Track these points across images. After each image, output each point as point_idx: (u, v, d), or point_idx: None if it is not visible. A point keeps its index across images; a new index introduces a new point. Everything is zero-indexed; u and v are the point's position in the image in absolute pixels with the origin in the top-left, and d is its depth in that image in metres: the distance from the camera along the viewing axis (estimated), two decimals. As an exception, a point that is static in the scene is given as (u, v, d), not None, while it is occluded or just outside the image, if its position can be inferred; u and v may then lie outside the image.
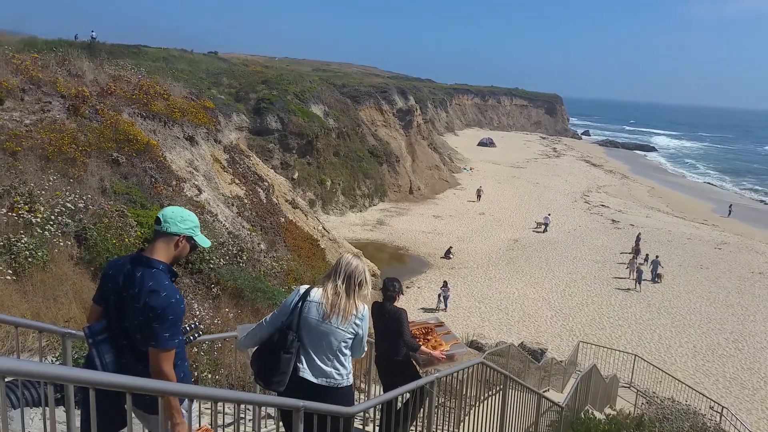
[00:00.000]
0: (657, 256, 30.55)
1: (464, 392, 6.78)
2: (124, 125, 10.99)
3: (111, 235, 7.65)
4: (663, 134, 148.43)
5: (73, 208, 7.76)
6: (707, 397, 15.64)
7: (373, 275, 15.72)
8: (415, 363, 5.05)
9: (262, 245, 10.68)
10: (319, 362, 3.36)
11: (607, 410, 12.90)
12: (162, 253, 2.88)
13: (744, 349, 22.16)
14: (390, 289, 5.04)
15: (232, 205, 11.81)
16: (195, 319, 7.46)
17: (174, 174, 11.61)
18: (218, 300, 8.96)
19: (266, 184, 13.55)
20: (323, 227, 15.02)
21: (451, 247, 32.72)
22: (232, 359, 6.53)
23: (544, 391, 11.78)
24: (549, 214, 40.40)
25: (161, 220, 2.90)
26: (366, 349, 3.67)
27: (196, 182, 11.92)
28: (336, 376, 3.39)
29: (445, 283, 25.42)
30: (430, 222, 39.56)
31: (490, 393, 7.06)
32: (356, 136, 45.71)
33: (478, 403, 6.57)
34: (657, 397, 13.41)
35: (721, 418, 13.76)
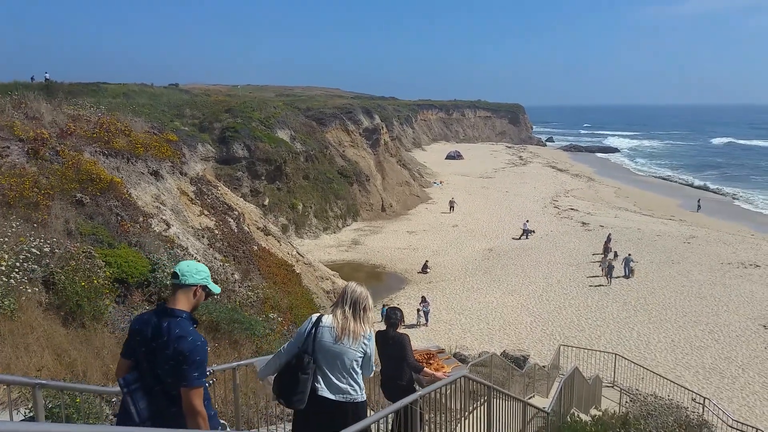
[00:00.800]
0: (629, 254, 31.35)
1: (450, 406, 6.78)
2: (86, 165, 10.81)
3: (79, 278, 7.48)
4: (624, 135, 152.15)
5: (38, 253, 7.57)
6: (689, 390, 15.89)
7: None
8: (418, 385, 5.32)
9: (235, 275, 10.55)
10: (335, 380, 3.77)
11: (593, 411, 12.99)
12: (183, 303, 3.23)
13: (720, 339, 22.62)
14: (392, 317, 5.48)
15: (203, 236, 11.67)
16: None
17: (140, 210, 11.44)
18: (194, 335, 8.79)
19: (236, 213, 13.43)
20: (297, 252, 14.92)
21: (427, 261, 32.82)
22: (212, 394, 6.41)
23: (529, 398, 11.84)
24: (528, 221, 41.04)
25: (179, 274, 3.25)
26: (375, 368, 4.09)
27: (163, 217, 11.76)
28: (352, 392, 3.81)
29: (424, 299, 25.44)
30: (404, 238, 39.66)
31: (476, 405, 7.07)
32: (324, 158, 45.77)
33: (464, 416, 6.57)
34: (640, 394, 13.53)
35: (703, 409, 13.96)
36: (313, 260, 15.99)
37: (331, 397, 3.75)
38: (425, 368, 5.38)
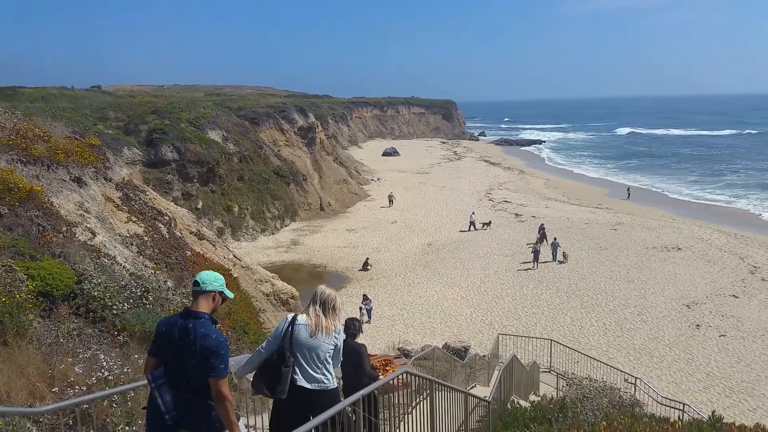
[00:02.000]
0: (555, 238, 33.18)
1: (395, 402, 6.81)
2: (2, 174, 10.12)
3: (-1, 294, 6.98)
4: (549, 128, 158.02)
5: (-52, 269, 7.02)
6: (621, 371, 16.67)
7: (292, 298, 15.43)
8: (376, 392, 5.47)
9: (168, 283, 10.16)
10: (311, 371, 4.26)
11: (532, 397, 13.42)
12: (204, 307, 3.72)
13: (648, 320, 23.87)
14: (351, 328, 5.97)
15: (131, 244, 11.17)
16: (102, 370, 7.01)
17: (63, 219, 10.82)
18: (126, 347, 8.41)
19: (167, 218, 12.94)
20: (234, 255, 14.56)
21: (368, 258, 32.87)
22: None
23: (470, 388, 12.08)
24: (473, 213, 41.88)
25: (200, 282, 3.75)
26: (342, 358, 4.63)
27: (88, 225, 11.18)
28: (325, 381, 4.31)
29: (365, 296, 25.49)
30: (344, 236, 39.56)
31: (420, 399, 7.15)
32: (259, 158, 44.94)
33: (408, 411, 6.62)
34: (576, 378, 14.08)
35: (635, 388, 14.69)
36: (251, 263, 15.66)
37: (308, 386, 4.23)
38: (380, 376, 5.85)
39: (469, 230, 39.80)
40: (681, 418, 11.49)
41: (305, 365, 4.25)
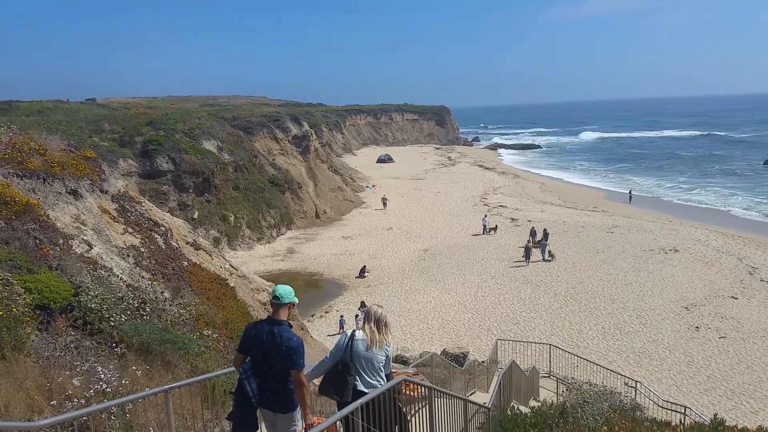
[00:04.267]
0: (543, 238, 34.15)
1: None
2: (-3, 187, 10.06)
3: (-5, 308, 6.92)
4: (543, 133, 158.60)
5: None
6: (621, 375, 16.63)
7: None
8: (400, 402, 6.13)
9: (165, 293, 10.09)
10: (368, 378, 5.07)
11: (532, 402, 13.37)
12: (283, 315, 4.79)
13: (647, 323, 23.85)
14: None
15: (128, 255, 11.10)
16: (101, 382, 6.97)
17: (60, 232, 10.75)
18: (124, 359, 8.35)
19: (163, 228, 12.87)
20: (231, 265, 14.50)
21: (365, 265, 32.81)
22: (146, 419, 6.12)
23: (470, 395, 12.03)
24: (486, 216, 42.48)
25: (279, 297, 4.75)
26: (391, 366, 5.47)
27: (85, 237, 11.12)
28: (378, 386, 5.03)
29: (363, 303, 25.44)
30: (340, 244, 39.51)
31: (419, 406, 7.12)
32: (254, 167, 44.93)
33: (408, 419, 6.57)
34: (576, 382, 14.06)
35: (635, 392, 14.66)
36: (247, 272, 15.60)
37: (366, 390, 4.93)
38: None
39: (484, 234, 40.12)
40: (682, 421, 11.47)
41: (363, 373, 5.06)
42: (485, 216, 42.60)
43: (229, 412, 5.02)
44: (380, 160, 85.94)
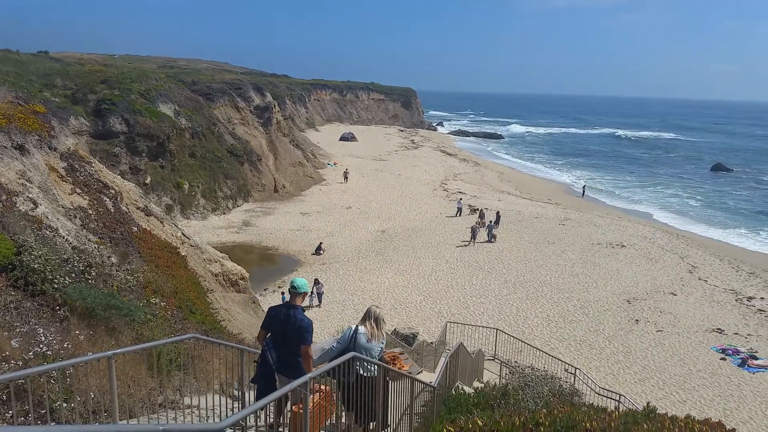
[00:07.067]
0: (491, 221, 36.35)
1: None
2: (-69, 134, 9.49)
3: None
4: (509, 122, 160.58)
5: None
6: (562, 361, 17.23)
7: (242, 279, 15.21)
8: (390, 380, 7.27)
9: (112, 258, 9.80)
10: (367, 365, 6.02)
11: (476, 383, 13.70)
12: (299, 301, 5.98)
13: (590, 313, 24.71)
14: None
15: (75, 217, 10.70)
16: (41, 345, 6.76)
17: (3, 188, 10.28)
18: (66, 322, 8.10)
19: (113, 191, 12.44)
20: (183, 233, 14.16)
21: (321, 243, 32.72)
22: (87, 384, 5.97)
23: (417, 373, 12.22)
24: (461, 199, 44.21)
25: (297, 287, 5.94)
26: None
27: (30, 195, 10.65)
28: (373, 371, 6.02)
29: (317, 281, 25.39)
30: (298, 219, 39.22)
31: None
32: (213, 135, 43.90)
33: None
34: (519, 366, 14.46)
35: (575, 378, 15.20)
36: (200, 242, 15.30)
37: (365, 374, 5.96)
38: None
39: (457, 215, 41.05)
40: (617, 408, 11.98)
41: (364, 361, 6.01)
42: (460, 199, 44.19)
43: (253, 377, 6.20)
44: (343, 138, 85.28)
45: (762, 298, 27.09)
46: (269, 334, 6.00)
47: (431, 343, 17.63)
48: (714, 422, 5.74)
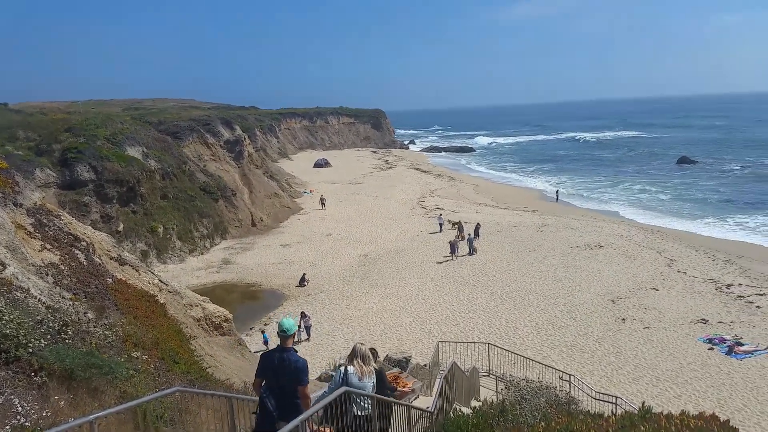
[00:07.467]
0: (470, 234, 36.47)
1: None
2: None
3: None
4: (477, 134, 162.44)
5: None
6: (555, 369, 17.15)
7: (225, 321, 14.88)
8: (395, 399, 7.63)
9: (89, 314, 9.48)
10: (361, 403, 6.10)
11: (473, 402, 13.54)
12: (290, 343, 5.82)
13: (577, 317, 24.77)
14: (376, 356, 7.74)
15: (47, 274, 10.36)
16: (18, 416, 6.45)
17: (-33, 251, 9.91)
18: (45, 388, 7.75)
19: (84, 243, 12.12)
20: (160, 280, 13.84)
21: (305, 273, 32.33)
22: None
23: (413, 399, 12.02)
24: (441, 214, 44.60)
25: (286, 330, 5.78)
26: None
27: (-3, 256, 10.30)
28: (369, 408, 6.14)
29: (303, 314, 25.06)
30: (278, 252, 38.82)
31: (412, 399, 7.66)
32: (184, 174, 43.44)
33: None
34: (514, 379, 14.37)
35: (570, 385, 15.13)
36: (179, 287, 14.96)
37: (360, 413, 6.03)
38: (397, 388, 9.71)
39: (440, 231, 41.09)
40: (614, 411, 11.91)
41: (357, 400, 6.09)
42: (440, 215, 44.51)
43: (253, 429, 6.02)
44: (317, 165, 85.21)
45: (740, 284, 27.56)
46: (264, 381, 5.86)
47: (425, 365, 17.45)
48: (708, 416, 5.75)
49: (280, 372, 5.70)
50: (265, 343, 23.28)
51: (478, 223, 39.34)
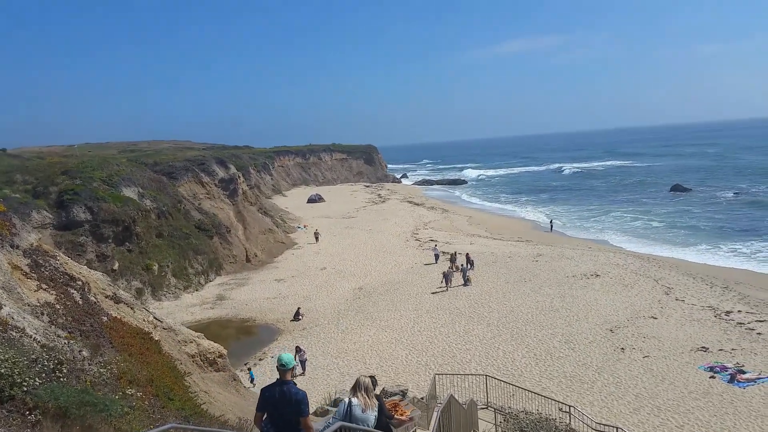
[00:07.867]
0: (462, 264, 36.78)
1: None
2: None
3: None
4: (469, 167, 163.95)
5: None
6: (555, 400, 16.96)
7: (220, 357, 14.78)
8: (393, 428, 7.92)
9: (84, 352, 9.44)
10: None
11: (472, 435, 13.37)
12: (288, 377, 5.97)
13: (576, 347, 24.60)
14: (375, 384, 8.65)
15: (42, 313, 10.35)
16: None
17: (-37, 293, 9.92)
18: (39, 427, 7.68)
19: (80, 282, 12.14)
20: (154, 317, 13.81)
21: (299, 308, 32.21)
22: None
23: (419, 417, 11.90)
24: (436, 245, 44.78)
25: (285, 364, 5.95)
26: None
27: (-8, 297, 10.29)
28: None
29: (298, 348, 24.87)
30: (273, 287, 38.67)
31: (411, 428, 7.85)
32: (179, 213, 43.58)
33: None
34: (512, 412, 14.22)
35: (570, 417, 14.97)
36: (173, 323, 14.91)
37: None
38: (395, 416, 9.72)
39: (436, 262, 41.04)
40: (614, 441, 11.80)
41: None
42: (435, 245, 44.72)
43: None
44: (311, 200, 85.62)
45: (739, 311, 27.50)
46: (265, 415, 5.97)
47: (422, 398, 17.26)
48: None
49: (282, 405, 5.81)
50: (251, 381, 23.05)
51: (467, 254, 39.20)
